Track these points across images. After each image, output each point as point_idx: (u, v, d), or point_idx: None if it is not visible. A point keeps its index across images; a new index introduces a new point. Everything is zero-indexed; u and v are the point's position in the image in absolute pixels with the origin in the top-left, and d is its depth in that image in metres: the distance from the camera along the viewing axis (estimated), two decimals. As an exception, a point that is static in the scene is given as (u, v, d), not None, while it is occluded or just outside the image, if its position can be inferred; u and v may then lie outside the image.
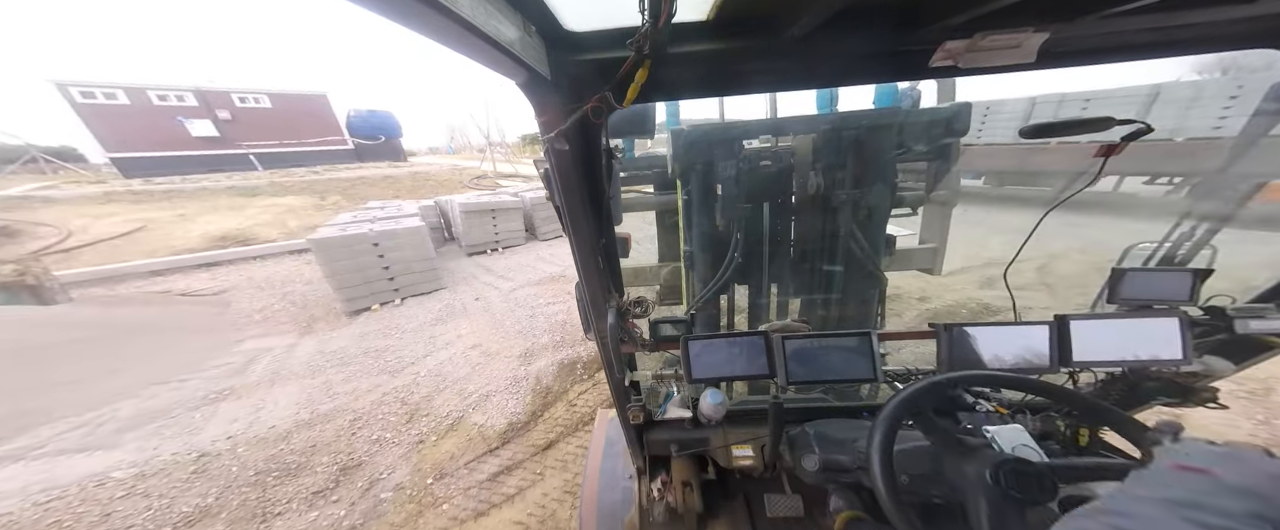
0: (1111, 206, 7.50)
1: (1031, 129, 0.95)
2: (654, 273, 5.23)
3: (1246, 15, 0.64)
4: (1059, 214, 1.12)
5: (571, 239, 0.84)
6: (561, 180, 0.73)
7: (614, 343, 0.99)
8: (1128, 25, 0.64)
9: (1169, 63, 1.28)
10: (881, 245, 2.09)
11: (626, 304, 1.04)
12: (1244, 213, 1.27)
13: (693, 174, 2.08)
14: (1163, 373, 1.07)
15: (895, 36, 0.62)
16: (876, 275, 2.05)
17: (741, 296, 2.41)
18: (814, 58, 0.67)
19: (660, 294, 5.31)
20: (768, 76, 0.73)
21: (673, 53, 0.63)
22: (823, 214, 2.04)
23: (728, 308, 2.41)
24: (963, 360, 1.03)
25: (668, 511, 1.24)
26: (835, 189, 1.95)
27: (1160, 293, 1.00)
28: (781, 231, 2.19)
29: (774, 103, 2.33)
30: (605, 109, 0.62)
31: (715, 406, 1.19)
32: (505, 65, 0.51)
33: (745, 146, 2.03)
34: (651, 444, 1.30)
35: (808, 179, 1.97)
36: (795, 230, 2.18)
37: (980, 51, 0.62)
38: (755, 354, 1.06)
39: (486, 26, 0.41)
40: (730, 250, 2.08)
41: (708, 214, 2.15)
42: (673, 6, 0.48)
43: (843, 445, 1.05)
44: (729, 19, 0.63)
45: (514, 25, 0.49)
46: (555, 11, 0.59)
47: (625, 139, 2.74)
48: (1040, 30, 0.59)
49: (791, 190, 2.08)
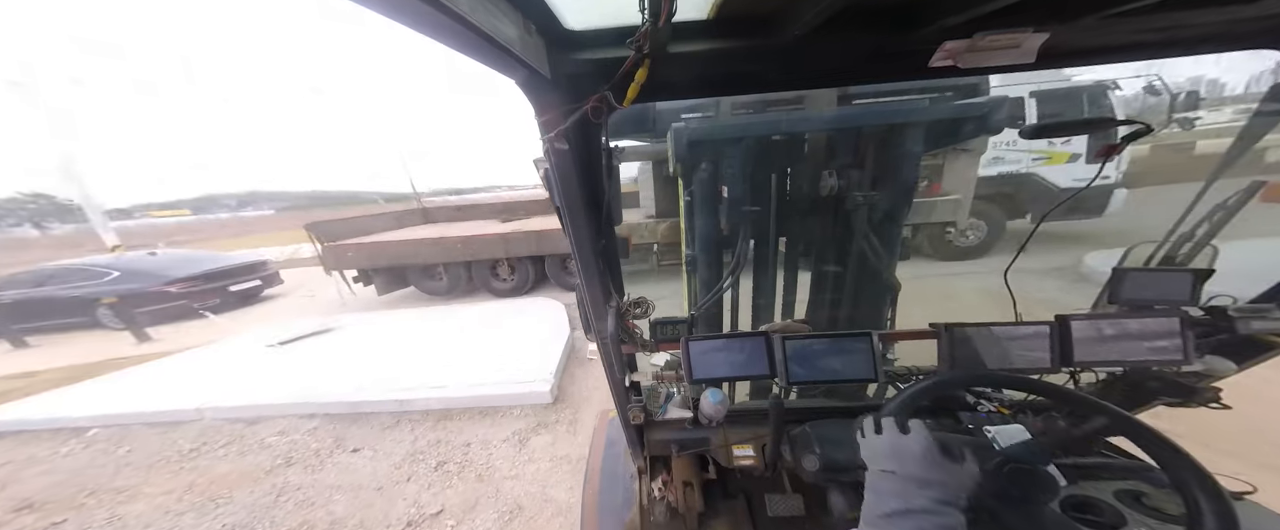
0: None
1: (1032, 129, 0.95)
2: (651, 229, 5.21)
3: (1246, 15, 0.64)
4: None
5: (571, 239, 0.84)
6: (561, 180, 0.73)
7: (614, 343, 0.99)
8: (1128, 25, 0.64)
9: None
10: (897, 248, 2.01)
11: (626, 305, 1.04)
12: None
13: (696, 174, 1.97)
14: (1164, 373, 1.07)
15: (895, 36, 0.62)
16: (890, 281, 1.98)
17: (743, 294, 2.30)
18: (814, 57, 0.67)
19: (659, 253, 5.37)
20: (768, 76, 0.73)
21: (673, 52, 0.63)
22: (835, 217, 1.95)
23: (731, 306, 2.30)
24: (963, 360, 1.03)
25: (668, 511, 1.24)
26: (852, 190, 1.82)
27: (1161, 293, 1.00)
28: (791, 235, 2.09)
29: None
30: (605, 109, 0.62)
31: (716, 406, 1.19)
32: (505, 64, 0.51)
33: (754, 143, 1.89)
34: (652, 444, 1.30)
35: (821, 179, 1.85)
36: (806, 233, 2.09)
37: (980, 51, 0.62)
38: (756, 354, 1.06)
39: (486, 25, 0.41)
40: (736, 255, 1.99)
41: (712, 216, 2.05)
42: (673, 6, 0.48)
43: (843, 445, 1.05)
44: (729, 18, 0.63)
45: (514, 24, 0.49)
46: (555, 10, 0.59)
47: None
48: (1040, 30, 0.59)
49: (802, 192, 1.98)
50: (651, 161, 4.27)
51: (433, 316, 6.94)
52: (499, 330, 5.79)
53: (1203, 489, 0.68)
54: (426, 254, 7.69)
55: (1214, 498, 0.66)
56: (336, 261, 7.78)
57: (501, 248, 7.41)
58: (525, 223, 8.99)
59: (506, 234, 7.42)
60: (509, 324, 6.02)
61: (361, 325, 6.77)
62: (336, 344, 5.97)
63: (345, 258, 7.73)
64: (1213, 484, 0.68)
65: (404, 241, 7.75)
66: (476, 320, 6.41)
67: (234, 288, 9.79)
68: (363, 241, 7.93)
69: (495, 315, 6.60)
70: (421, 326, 6.41)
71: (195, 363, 5.84)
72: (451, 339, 5.68)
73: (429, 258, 7.72)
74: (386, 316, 7.27)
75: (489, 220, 10.50)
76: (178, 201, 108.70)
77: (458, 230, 8.32)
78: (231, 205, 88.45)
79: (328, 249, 7.73)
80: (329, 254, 7.73)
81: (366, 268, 7.93)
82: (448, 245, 7.57)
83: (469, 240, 7.45)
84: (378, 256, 7.77)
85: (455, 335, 5.80)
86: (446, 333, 5.97)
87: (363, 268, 7.94)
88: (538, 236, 7.30)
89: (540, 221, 8.71)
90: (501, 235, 7.39)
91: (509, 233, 7.44)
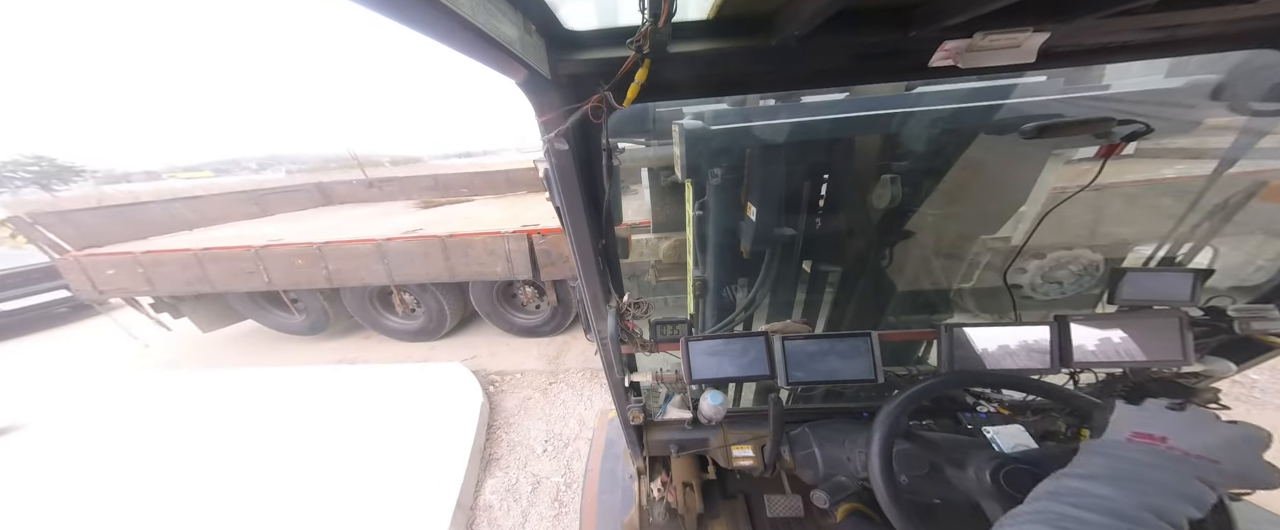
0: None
1: (1032, 129, 0.95)
2: (651, 246, 3.67)
3: (1246, 15, 0.64)
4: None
5: (571, 239, 0.84)
6: (561, 180, 0.73)
7: (614, 343, 0.99)
8: (1128, 25, 0.64)
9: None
10: (957, 275, 1.68)
11: (626, 305, 1.04)
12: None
13: (709, 184, 1.55)
14: (1163, 373, 1.07)
15: (895, 36, 0.62)
16: (940, 309, 1.69)
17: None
18: (814, 57, 0.67)
19: (658, 270, 3.71)
20: (768, 76, 0.73)
21: (673, 52, 0.63)
22: (881, 237, 1.53)
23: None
24: (963, 361, 1.03)
25: (668, 512, 1.24)
26: (911, 205, 1.40)
27: (1161, 293, 1.00)
28: (820, 257, 1.68)
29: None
30: (605, 109, 0.62)
31: (716, 408, 1.19)
32: (505, 64, 0.51)
33: (793, 144, 1.41)
34: (651, 444, 1.30)
35: (876, 188, 1.41)
36: (844, 255, 1.65)
37: (980, 51, 0.62)
38: (755, 355, 1.06)
39: (486, 25, 0.41)
40: (756, 285, 1.64)
41: (728, 235, 1.65)
42: (673, 6, 0.48)
43: (843, 445, 1.05)
44: (729, 18, 0.63)
45: (514, 24, 0.49)
46: (555, 10, 0.59)
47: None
48: (1040, 30, 0.59)
49: (842, 204, 1.55)
50: (646, 168, 3.61)
51: (263, 387, 4.02)
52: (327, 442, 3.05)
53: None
54: (241, 276, 4.40)
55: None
56: (100, 283, 4.58)
57: (380, 267, 4.19)
58: (441, 214, 5.66)
59: (388, 242, 4.12)
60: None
61: (77, 421, 3.64)
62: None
63: (108, 277, 4.55)
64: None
65: (191, 253, 4.37)
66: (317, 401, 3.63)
67: (6, 305, 6.31)
68: (132, 251, 4.51)
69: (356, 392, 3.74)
70: (229, 414, 3.58)
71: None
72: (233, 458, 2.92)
73: (248, 282, 4.44)
74: (166, 388, 4.20)
75: (401, 203, 7.31)
76: (201, 164, 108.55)
77: (304, 231, 5.00)
78: (252, 168, 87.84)
79: (71, 262, 4.52)
80: (76, 271, 4.53)
81: (160, 294, 4.75)
82: (277, 259, 4.30)
83: (314, 252, 4.18)
84: (160, 277, 4.51)
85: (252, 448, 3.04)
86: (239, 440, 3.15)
87: (154, 293, 4.72)
88: (445, 247, 4.04)
89: (465, 214, 5.44)
90: (375, 245, 4.10)
91: (396, 239, 4.14)
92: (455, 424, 3.22)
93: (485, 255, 4.04)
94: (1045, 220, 1.21)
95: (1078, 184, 1.08)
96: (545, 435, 3.32)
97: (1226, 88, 1.13)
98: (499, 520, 2.57)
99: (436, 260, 4.11)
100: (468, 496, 2.66)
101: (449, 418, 3.29)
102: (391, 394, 3.69)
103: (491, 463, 3.07)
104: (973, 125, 1.32)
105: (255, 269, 4.38)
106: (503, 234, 3.93)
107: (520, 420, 3.53)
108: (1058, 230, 2.89)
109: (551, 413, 3.59)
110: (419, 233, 4.23)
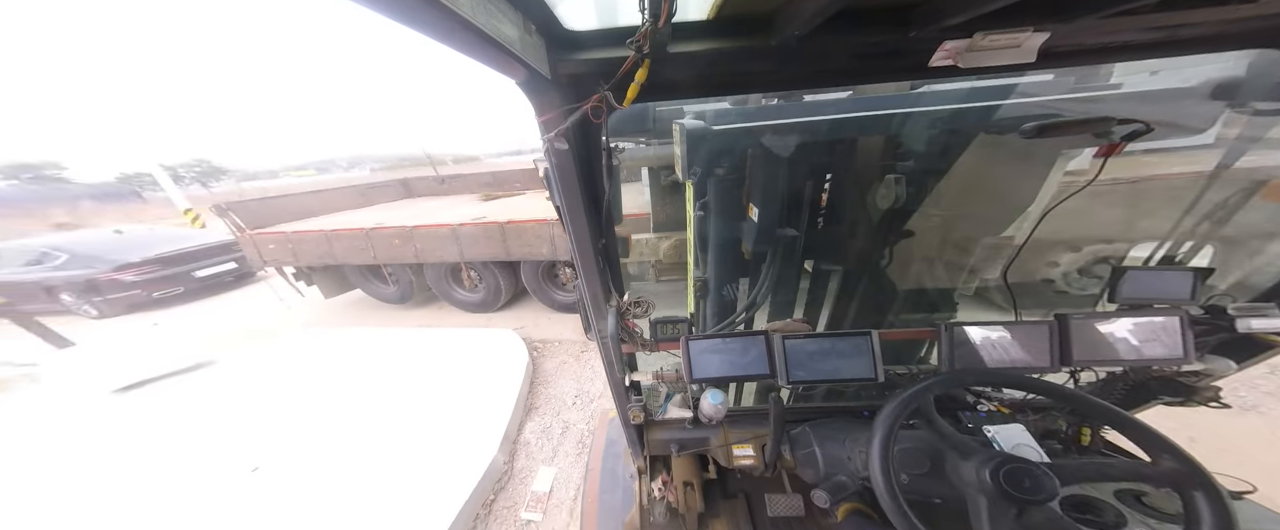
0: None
1: (1032, 129, 0.95)
2: (652, 246, 3.89)
3: (1246, 15, 0.64)
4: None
5: (571, 239, 0.84)
6: (561, 180, 0.73)
7: (614, 342, 0.99)
8: (1128, 25, 0.64)
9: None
10: (961, 275, 1.65)
11: (627, 304, 1.04)
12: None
13: (711, 184, 1.57)
14: (1164, 372, 1.07)
15: (895, 36, 0.62)
16: (944, 308, 1.68)
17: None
18: (814, 57, 0.67)
19: (658, 270, 4.03)
20: (768, 76, 0.73)
21: (673, 52, 0.63)
22: (885, 238, 1.54)
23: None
24: (963, 360, 1.03)
25: (668, 511, 1.24)
26: (914, 205, 1.40)
27: (1161, 292, 1.00)
28: (822, 257, 1.69)
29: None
30: (605, 108, 0.62)
31: (716, 407, 1.19)
32: (505, 64, 0.51)
33: (786, 147, 1.42)
34: (652, 444, 1.30)
35: (880, 188, 1.41)
36: (846, 255, 1.66)
37: (980, 51, 0.62)
38: (756, 354, 1.06)
39: (487, 25, 0.41)
40: (757, 286, 1.64)
41: (730, 236, 1.66)
42: (673, 6, 0.48)
43: (844, 444, 1.05)
44: (729, 18, 0.63)
45: (514, 24, 0.49)
46: (555, 10, 0.59)
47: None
48: (1040, 30, 0.59)
49: (844, 203, 1.55)
50: (646, 168, 3.63)
51: (367, 343, 5.16)
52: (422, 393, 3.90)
53: (1202, 488, 0.68)
54: (356, 250, 5.66)
55: (1213, 497, 0.66)
56: (264, 255, 6.05)
57: (454, 247, 5.24)
58: (500, 205, 6.57)
59: (461, 227, 5.12)
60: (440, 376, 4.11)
61: (248, 362, 4.99)
62: (199, 395, 4.31)
63: (269, 250, 6.00)
64: (1211, 483, 0.68)
65: (323, 233, 5.69)
66: (415, 355, 4.62)
67: (200, 273, 8.17)
68: (284, 231, 5.97)
69: (438, 350, 4.66)
70: (345, 362, 4.67)
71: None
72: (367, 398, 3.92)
73: (360, 256, 5.72)
74: (304, 341, 5.48)
75: (465, 197, 8.27)
76: (305, 163, 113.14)
77: (398, 218, 6.12)
78: (343, 166, 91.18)
79: (247, 239, 5.98)
80: (250, 245, 6.02)
81: (300, 265, 6.14)
82: (381, 239, 5.48)
83: (407, 234, 5.33)
84: (301, 251, 5.90)
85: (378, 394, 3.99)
86: (367, 386, 4.14)
87: (296, 264, 6.12)
88: (504, 232, 4.95)
89: (518, 205, 6.37)
90: (451, 229, 5.13)
91: (467, 224, 5.11)
92: (506, 378, 4.03)
93: (534, 239, 4.92)
94: (1081, 215, 1.20)
95: (1088, 184, 1.08)
96: (575, 392, 3.99)
97: (1230, 87, 1.14)
98: (534, 453, 3.30)
99: (496, 242, 5.08)
100: (512, 432, 3.44)
101: (501, 373, 4.14)
102: (459, 352, 4.67)
103: (531, 410, 3.80)
104: (975, 125, 1.33)
105: (366, 246, 5.58)
106: (548, 221, 4.77)
107: (556, 379, 4.28)
108: (1095, 224, 2.78)
109: (582, 375, 4.29)
110: (484, 219, 5.21)
